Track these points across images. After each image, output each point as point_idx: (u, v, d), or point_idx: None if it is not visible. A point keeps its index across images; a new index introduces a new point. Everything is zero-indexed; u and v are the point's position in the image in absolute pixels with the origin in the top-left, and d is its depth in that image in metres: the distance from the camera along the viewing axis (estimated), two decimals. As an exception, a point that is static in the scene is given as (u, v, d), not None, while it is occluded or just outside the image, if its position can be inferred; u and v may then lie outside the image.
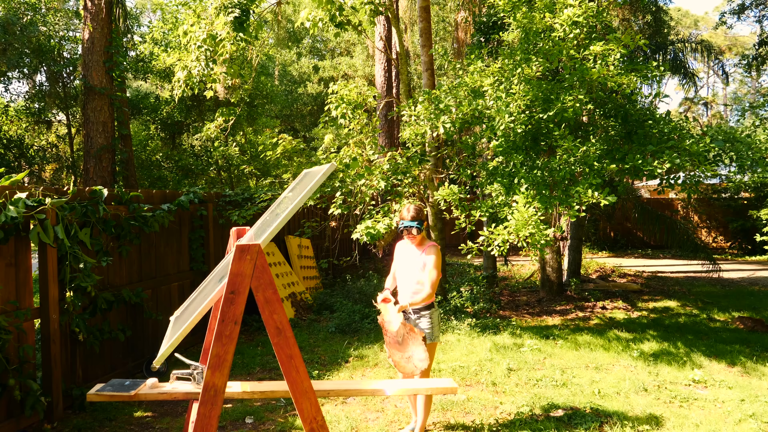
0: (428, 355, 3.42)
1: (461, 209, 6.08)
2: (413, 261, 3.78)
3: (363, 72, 22.79)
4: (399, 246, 3.98)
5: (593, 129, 6.36)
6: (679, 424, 4.07)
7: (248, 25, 8.15)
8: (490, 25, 9.00)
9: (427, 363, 3.41)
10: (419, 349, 3.38)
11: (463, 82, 6.44)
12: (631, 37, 5.87)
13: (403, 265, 3.87)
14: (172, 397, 3.02)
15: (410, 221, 3.70)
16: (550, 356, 5.82)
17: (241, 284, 2.24)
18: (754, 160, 5.40)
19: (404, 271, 3.84)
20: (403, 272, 3.86)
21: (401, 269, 3.88)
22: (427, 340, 3.71)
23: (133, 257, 5.32)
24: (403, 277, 3.84)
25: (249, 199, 7.62)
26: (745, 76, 35.91)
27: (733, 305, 8.50)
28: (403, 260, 3.88)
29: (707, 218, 17.22)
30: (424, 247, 3.79)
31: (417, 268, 3.75)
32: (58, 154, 15.65)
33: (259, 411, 4.41)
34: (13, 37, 11.98)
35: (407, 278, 3.80)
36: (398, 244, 4.01)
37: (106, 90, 9.36)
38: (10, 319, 3.78)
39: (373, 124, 7.68)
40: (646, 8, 13.79)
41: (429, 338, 3.73)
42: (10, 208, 3.66)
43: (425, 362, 3.38)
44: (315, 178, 2.48)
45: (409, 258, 3.83)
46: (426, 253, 3.75)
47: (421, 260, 3.75)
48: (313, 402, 2.35)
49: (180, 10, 12.23)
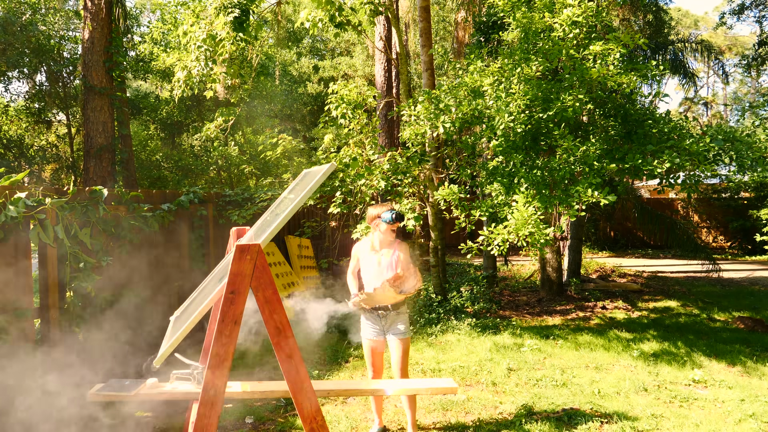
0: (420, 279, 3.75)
1: (461, 209, 6.08)
2: (384, 259, 3.72)
3: (363, 72, 22.79)
4: (361, 248, 3.88)
5: (593, 129, 6.36)
6: (679, 424, 4.07)
7: (248, 25, 8.15)
8: (489, 24, 9.00)
9: (419, 285, 3.73)
10: (411, 278, 3.67)
11: (463, 82, 6.44)
12: (630, 37, 5.87)
13: (370, 266, 3.78)
14: (172, 397, 3.02)
15: (398, 213, 3.67)
16: (550, 356, 5.82)
17: (241, 284, 2.24)
18: (754, 159, 5.39)
19: (374, 270, 3.76)
20: (371, 273, 3.77)
21: (369, 271, 3.79)
22: (406, 334, 3.72)
23: (133, 257, 5.32)
24: (373, 278, 3.76)
25: (249, 199, 7.62)
26: (745, 76, 35.91)
27: (734, 305, 8.50)
28: (369, 262, 3.79)
29: (707, 218, 17.22)
30: (394, 244, 3.76)
31: (391, 264, 3.70)
32: (58, 154, 15.65)
33: (259, 411, 4.41)
34: (13, 36, 11.98)
35: (380, 277, 3.71)
36: (358, 246, 3.92)
37: (106, 90, 9.35)
38: (10, 319, 3.78)
39: (373, 124, 7.68)
40: (647, 8, 13.79)
41: (408, 332, 3.73)
42: (10, 208, 3.66)
43: (418, 284, 3.74)
44: (315, 178, 2.48)
45: (377, 259, 3.75)
46: (399, 249, 3.74)
47: (395, 257, 3.71)
48: (313, 402, 2.35)
49: (180, 11, 12.23)
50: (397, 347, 3.71)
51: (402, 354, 3.72)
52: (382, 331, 3.76)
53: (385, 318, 3.73)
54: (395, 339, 3.71)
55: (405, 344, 3.72)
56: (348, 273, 4.01)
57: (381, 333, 3.77)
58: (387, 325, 3.74)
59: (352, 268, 3.96)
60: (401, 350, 3.71)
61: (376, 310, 3.72)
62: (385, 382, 3.46)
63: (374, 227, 3.77)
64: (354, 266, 3.95)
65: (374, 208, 3.75)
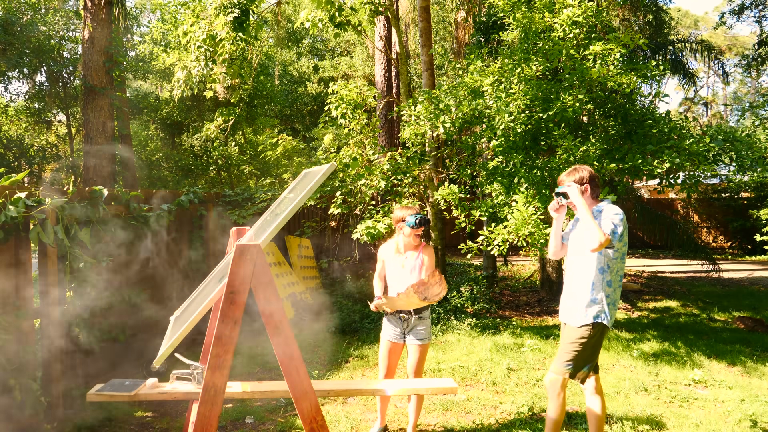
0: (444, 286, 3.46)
1: (461, 209, 6.08)
2: (408, 262, 3.73)
3: (363, 72, 22.78)
4: (386, 251, 3.88)
5: (593, 129, 6.36)
6: (679, 424, 4.07)
7: (248, 25, 8.15)
8: (489, 24, 9.00)
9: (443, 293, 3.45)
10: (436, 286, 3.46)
11: (463, 82, 6.44)
12: (630, 37, 5.87)
13: (395, 269, 3.78)
14: (172, 397, 3.03)
15: (424, 217, 3.64)
16: (551, 356, 5.82)
17: (241, 284, 2.24)
18: (754, 159, 5.39)
19: (396, 275, 3.76)
20: (396, 277, 3.77)
21: (393, 274, 3.80)
22: (426, 340, 3.72)
23: (133, 257, 5.32)
24: (397, 281, 3.76)
25: (249, 199, 7.61)
26: (745, 76, 35.91)
27: (734, 305, 8.50)
28: (394, 263, 3.79)
29: (707, 218, 17.22)
30: (419, 247, 3.76)
31: (414, 268, 3.71)
32: (58, 154, 15.65)
33: (259, 411, 4.41)
34: (13, 36, 11.98)
35: (402, 282, 3.72)
36: (383, 247, 3.92)
37: (106, 90, 9.36)
38: (10, 319, 3.78)
39: (373, 124, 7.67)
40: (647, 8, 13.79)
41: (428, 338, 3.73)
42: (10, 208, 3.66)
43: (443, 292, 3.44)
44: (315, 178, 2.48)
45: (401, 262, 3.75)
46: (423, 253, 3.73)
47: (419, 260, 3.72)
48: (313, 402, 2.35)
49: (180, 11, 12.23)
50: (415, 352, 3.72)
51: (419, 359, 3.72)
52: (402, 335, 3.77)
53: (407, 322, 3.73)
54: (415, 344, 3.72)
55: (423, 350, 3.73)
56: (375, 275, 4.01)
57: (401, 336, 3.77)
58: (408, 329, 3.74)
59: (378, 271, 3.95)
60: (419, 355, 3.72)
61: (398, 313, 3.72)
62: (386, 382, 3.46)
63: (398, 230, 3.75)
64: (380, 268, 3.94)
65: (400, 210, 3.72)
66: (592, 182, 3.27)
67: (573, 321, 3.27)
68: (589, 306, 3.20)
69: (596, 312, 3.19)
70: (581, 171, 3.28)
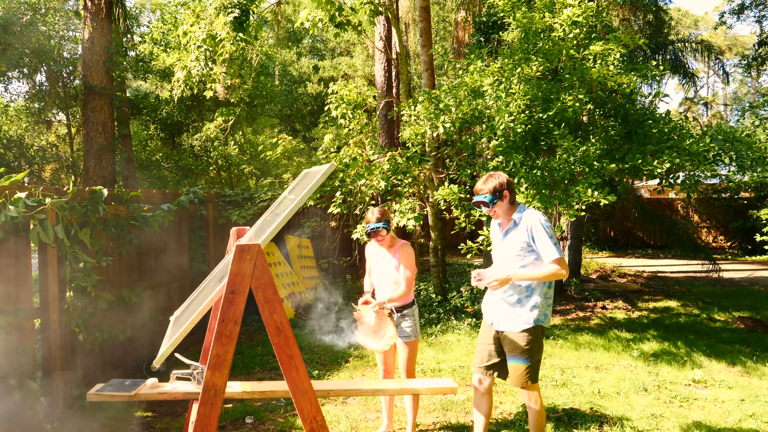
0: (395, 333, 3.51)
1: (461, 209, 6.08)
2: (386, 262, 3.74)
3: (363, 72, 22.77)
4: (370, 248, 3.92)
5: (593, 129, 6.36)
6: (679, 424, 4.07)
7: (248, 25, 8.15)
8: (489, 24, 8.99)
9: (395, 339, 3.48)
10: (389, 328, 3.51)
11: (463, 82, 6.44)
12: (630, 37, 5.87)
13: (377, 267, 3.81)
14: (172, 397, 3.02)
15: (376, 223, 3.63)
16: (550, 356, 5.82)
17: (241, 284, 2.24)
18: (754, 159, 5.39)
19: (379, 273, 3.79)
20: (378, 274, 3.81)
21: (376, 271, 3.83)
22: (411, 338, 3.71)
23: (133, 257, 5.32)
24: (379, 279, 3.79)
25: (249, 199, 7.62)
26: (745, 76, 35.91)
27: (733, 305, 8.50)
28: (376, 262, 3.82)
29: (707, 218, 17.22)
30: (395, 247, 3.74)
31: (391, 268, 3.71)
32: (58, 154, 15.64)
33: (259, 411, 4.41)
34: (13, 37, 11.98)
35: (383, 280, 3.75)
36: (368, 246, 3.95)
37: (106, 90, 9.35)
38: (10, 319, 3.78)
39: (373, 124, 7.67)
40: (646, 8, 13.79)
41: (414, 335, 3.72)
42: (10, 208, 3.66)
43: (394, 338, 3.47)
44: (315, 178, 2.48)
45: (381, 259, 3.78)
46: (399, 253, 3.72)
47: (394, 261, 3.72)
48: (313, 402, 2.35)
49: (180, 11, 12.23)
50: (402, 350, 3.73)
51: (407, 357, 3.72)
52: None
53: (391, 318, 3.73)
54: (401, 342, 3.72)
55: (411, 347, 3.72)
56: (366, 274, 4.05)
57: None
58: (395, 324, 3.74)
59: (368, 269, 3.99)
60: (407, 353, 3.72)
61: None
62: (386, 382, 3.46)
63: None
64: (368, 267, 3.98)
65: (370, 212, 3.73)
66: (510, 188, 3.23)
67: (515, 327, 3.20)
68: (531, 310, 3.17)
69: (536, 315, 3.17)
70: (498, 177, 3.19)
